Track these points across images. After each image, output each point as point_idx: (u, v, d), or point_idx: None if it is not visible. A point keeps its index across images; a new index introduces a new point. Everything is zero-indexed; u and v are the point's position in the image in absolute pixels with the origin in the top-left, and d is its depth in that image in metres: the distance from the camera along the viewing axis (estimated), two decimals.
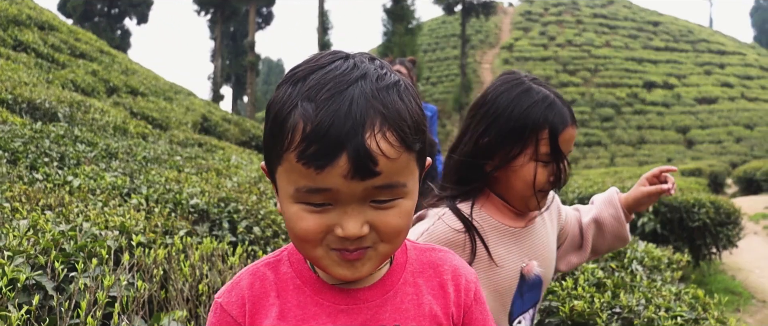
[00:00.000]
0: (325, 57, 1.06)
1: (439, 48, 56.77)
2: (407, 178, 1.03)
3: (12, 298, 1.77)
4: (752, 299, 7.22)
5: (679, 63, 51.33)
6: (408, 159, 1.01)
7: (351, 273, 1.06)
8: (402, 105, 1.02)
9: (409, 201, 1.05)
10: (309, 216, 1.02)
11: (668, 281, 3.02)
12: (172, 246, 2.58)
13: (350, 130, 0.95)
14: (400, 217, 1.04)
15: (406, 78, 1.07)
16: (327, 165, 0.96)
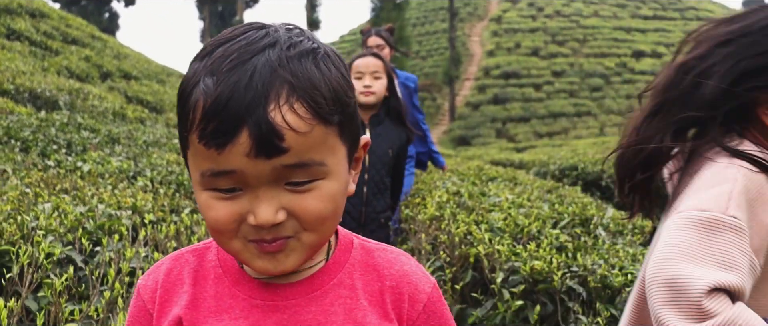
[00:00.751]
0: (239, 28, 0.95)
1: (427, 21, 56.80)
2: (325, 156, 0.92)
3: (50, 269, 2.07)
4: None
5: (667, 31, 51.52)
6: (324, 133, 0.90)
7: (273, 267, 0.95)
8: (316, 72, 0.91)
9: (333, 182, 0.94)
10: (219, 204, 0.92)
11: (628, 244, 3.34)
12: (180, 223, 2.88)
13: (251, 103, 0.86)
14: (321, 201, 0.93)
15: (330, 48, 0.97)
16: (227, 143, 0.86)
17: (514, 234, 2.86)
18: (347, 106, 0.95)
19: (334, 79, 0.93)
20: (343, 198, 0.98)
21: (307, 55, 0.92)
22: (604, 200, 6.86)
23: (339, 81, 0.94)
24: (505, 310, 2.34)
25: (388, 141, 3.77)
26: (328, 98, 0.90)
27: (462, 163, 7.23)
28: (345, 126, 0.95)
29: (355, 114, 0.99)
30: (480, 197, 3.73)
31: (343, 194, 0.98)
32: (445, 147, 32.39)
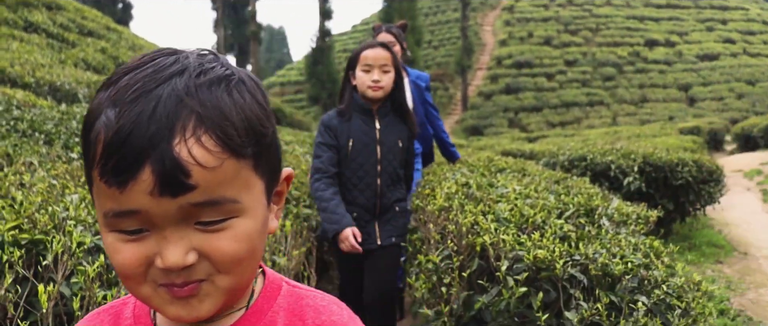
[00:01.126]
0: (149, 55, 0.89)
1: (439, 11, 56.80)
2: (238, 192, 0.86)
3: (82, 257, 2.21)
4: (734, 251, 7.67)
5: (680, 20, 51.36)
6: (236, 167, 0.84)
7: (187, 313, 0.88)
8: (227, 101, 0.84)
9: (249, 220, 0.88)
10: (124, 247, 0.85)
11: (631, 234, 3.45)
12: None
13: (154, 136, 0.79)
14: (235, 241, 0.86)
15: (246, 74, 0.92)
16: (129, 180, 0.80)
17: (519, 224, 2.98)
18: (263, 137, 0.89)
19: (247, 107, 0.87)
20: (261, 237, 0.92)
21: (218, 82, 0.86)
22: (611, 191, 6.97)
23: (253, 109, 0.88)
24: (510, 297, 2.47)
25: (397, 131, 3.84)
26: (241, 129, 0.85)
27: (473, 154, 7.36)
28: (261, 158, 0.89)
29: (272, 144, 0.93)
30: (488, 188, 3.85)
31: (260, 232, 0.91)
32: (457, 137, 32.49)
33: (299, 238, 3.33)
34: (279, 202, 0.99)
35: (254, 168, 0.88)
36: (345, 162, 3.75)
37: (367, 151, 3.76)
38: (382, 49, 3.79)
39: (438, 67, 46.78)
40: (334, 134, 3.75)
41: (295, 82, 51.68)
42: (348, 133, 3.75)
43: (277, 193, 0.97)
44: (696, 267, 6.73)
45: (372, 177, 3.76)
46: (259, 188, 0.90)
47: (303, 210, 4.14)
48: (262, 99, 0.92)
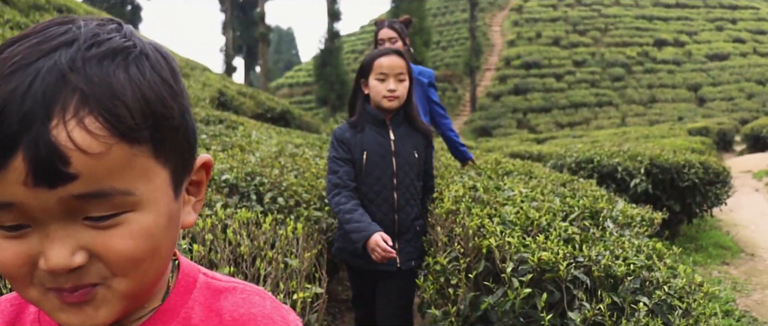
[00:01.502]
0: (42, 24, 0.77)
1: (448, 12, 56.89)
2: (133, 182, 0.74)
3: None
4: (741, 252, 7.72)
5: (690, 19, 51.31)
6: (129, 154, 0.72)
7: (80, 321, 0.77)
8: (121, 77, 0.72)
9: (148, 215, 0.77)
10: (4, 245, 0.74)
11: (634, 236, 3.52)
12: (214, 216, 3.10)
13: (27, 116, 0.68)
14: (131, 239, 0.75)
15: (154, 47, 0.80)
16: (0, 169, 0.69)
17: (524, 226, 3.05)
18: (166, 119, 0.76)
19: (147, 85, 0.74)
20: (166, 232, 0.80)
21: (113, 55, 0.74)
22: (618, 192, 7.03)
23: (154, 87, 0.75)
24: (515, 297, 2.54)
25: (412, 142, 3.65)
26: (135, 109, 0.72)
27: (481, 156, 7.42)
28: (163, 144, 0.77)
29: (181, 128, 0.80)
30: (495, 191, 3.92)
31: (166, 228, 0.80)
32: (466, 138, 32.54)
33: (310, 241, 3.41)
34: (198, 193, 0.89)
35: (154, 156, 0.76)
36: (360, 176, 3.55)
37: (383, 164, 3.55)
38: (397, 56, 3.60)
39: (446, 67, 46.85)
40: (347, 147, 3.55)
41: (303, 84, 51.84)
42: (361, 146, 3.54)
43: (193, 183, 0.88)
44: (702, 269, 6.78)
45: (389, 191, 3.56)
46: (161, 178, 0.78)
47: (313, 212, 4.22)
48: (170, 75, 0.79)
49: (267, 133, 8.89)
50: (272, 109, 16.89)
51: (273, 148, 6.42)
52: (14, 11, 13.23)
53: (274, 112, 16.78)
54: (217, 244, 2.85)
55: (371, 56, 3.64)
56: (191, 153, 0.84)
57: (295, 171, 5.02)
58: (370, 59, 3.61)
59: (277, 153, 6.05)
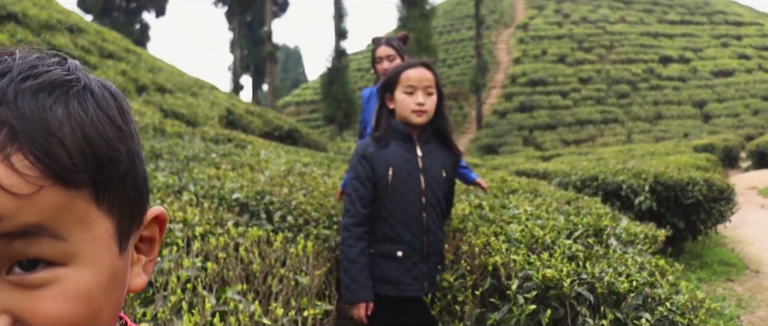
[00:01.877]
0: None
1: (454, 30, 57.12)
2: (68, 229, 0.64)
3: None
4: (746, 269, 7.75)
5: (695, 36, 51.43)
6: (65, 198, 0.63)
7: None
8: (59, 113, 0.64)
9: (85, 272, 0.66)
10: None
11: (638, 253, 3.59)
12: (227, 235, 3.18)
13: None
14: (64, 301, 0.64)
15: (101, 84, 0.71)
16: None
17: (529, 244, 3.13)
18: (111, 162, 0.67)
19: (89, 123, 0.65)
20: (107, 295, 0.68)
21: (50, 88, 0.65)
22: (623, 210, 7.09)
23: (99, 127, 0.66)
24: (520, 314, 2.61)
25: (440, 159, 3.43)
26: (73, 149, 0.63)
27: (487, 174, 7.50)
28: (107, 190, 0.67)
29: (129, 174, 0.70)
30: (500, 209, 4.00)
31: (106, 289, 0.68)
32: (472, 155, 32.58)
33: (320, 258, 3.48)
34: (150, 252, 0.78)
35: (96, 202, 0.66)
36: (385, 193, 3.30)
37: (410, 181, 3.31)
38: (426, 68, 3.36)
39: (453, 85, 46.97)
40: (370, 164, 3.31)
41: (310, 102, 52.01)
42: (387, 161, 3.30)
43: (144, 240, 0.77)
44: (707, 285, 6.83)
45: (417, 211, 3.31)
46: (103, 228, 0.68)
47: (322, 231, 4.29)
48: (118, 115, 0.70)
49: (275, 152, 8.98)
50: (280, 128, 17.01)
51: (282, 167, 6.50)
52: (26, 31, 13.40)
53: (281, 131, 16.90)
54: (229, 262, 2.93)
55: (398, 68, 3.42)
56: (141, 203, 0.73)
57: (304, 190, 5.09)
58: (397, 72, 3.39)
59: (286, 172, 6.14)
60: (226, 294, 2.59)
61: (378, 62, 4.69)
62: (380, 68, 4.65)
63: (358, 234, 3.25)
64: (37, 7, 15.43)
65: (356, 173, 3.35)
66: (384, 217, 3.30)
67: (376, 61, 4.72)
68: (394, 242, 3.28)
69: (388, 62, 4.60)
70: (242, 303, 2.45)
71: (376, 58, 4.71)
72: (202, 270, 2.71)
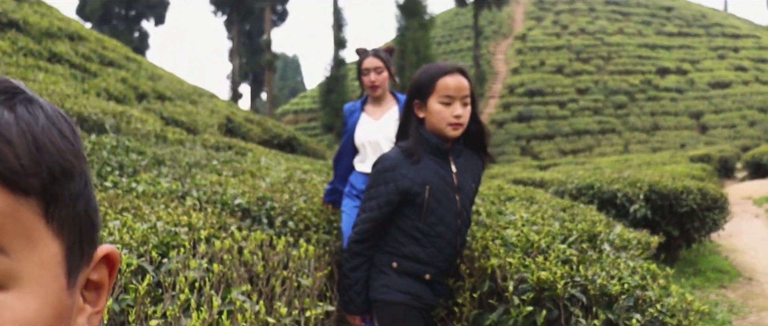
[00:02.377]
0: None
1: (452, 40, 57.29)
2: (11, 241, 0.56)
3: (129, 277, 2.47)
4: (739, 276, 7.86)
5: (692, 48, 51.61)
6: (12, 204, 0.55)
7: None
8: (6, 115, 0.57)
9: (29, 301, 0.57)
10: None
11: (630, 258, 3.69)
12: (231, 238, 3.27)
13: None
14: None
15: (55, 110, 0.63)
16: None
17: (525, 248, 3.22)
18: (64, 173, 0.60)
19: (40, 129, 0.59)
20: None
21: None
22: (618, 218, 7.19)
23: (51, 135, 0.60)
24: (517, 315, 2.71)
25: (471, 172, 3.15)
26: (21, 149, 0.57)
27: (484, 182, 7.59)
28: (58, 203, 0.60)
29: (82, 195, 0.63)
30: (497, 216, 4.10)
31: (53, 317, 0.58)
32: None
33: (322, 261, 3.57)
34: (97, 301, 0.67)
35: (45, 216, 0.58)
36: (419, 214, 2.97)
37: (447, 201, 3.00)
38: (462, 75, 3.03)
39: None
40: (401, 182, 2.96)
41: (308, 110, 52.09)
42: (422, 178, 2.95)
43: (92, 285, 0.66)
44: (700, 292, 6.93)
45: (452, 233, 3.03)
46: (52, 251, 0.59)
47: (322, 236, 4.38)
48: (70, 134, 0.63)
49: (275, 159, 9.07)
50: (279, 136, 17.13)
51: (282, 174, 6.59)
52: (27, 38, 13.51)
53: (280, 139, 17.01)
54: (233, 264, 3.02)
55: (432, 74, 3.02)
56: (93, 233, 0.65)
57: (305, 196, 5.18)
58: (432, 78, 3.00)
59: (287, 178, 6.22)
60: (231, 295, 2.68)
61: (364, 74, 4.52)
62: (367, 80, 4.50)
63: (357, 251, 3.04)
64: (38, 15, 15.54)
65: (380, 192, 2.97)
66: (415, 237, 2.99)
67: (362, 73, 4.55)
68: (424, 264, 3.01)
69: (376, 74, 4.47)
70: (247, 303, 2.55)
71: (363, 70, 4.53)
72: (208, 271, 2.80)
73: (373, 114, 4.57)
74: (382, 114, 4.54)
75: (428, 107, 2.99)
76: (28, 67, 11.18)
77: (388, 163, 3.00)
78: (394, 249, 3.03)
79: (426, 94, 3.00)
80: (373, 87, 4.48)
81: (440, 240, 3.01)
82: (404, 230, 3.01)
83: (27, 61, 11.65)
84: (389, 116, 4.48)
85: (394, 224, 3.03)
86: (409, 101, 3.08)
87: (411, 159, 2.97)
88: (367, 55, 4.55)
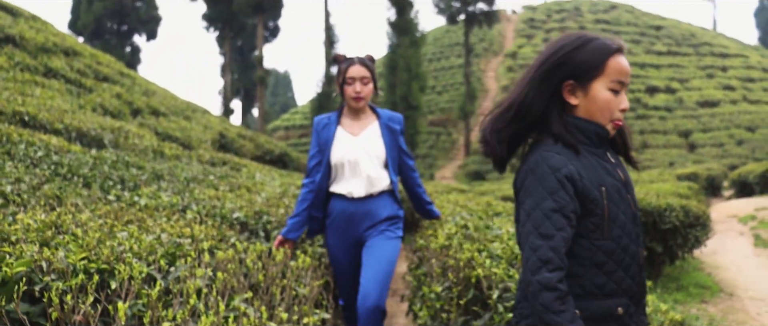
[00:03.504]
0: None
1: (443, 57, 57.64)
2: None
3: (141, 283, 2.65)
4: (721, 292, 8.06)
5: (681, 67, 52.05)
6: None
7: None
8: None
9: None
10: None
11: None
12: (233, 249, 3.46)
13: None
14: None
15: None
16: None
17: (509, 260, 3.42)
18: None
19: None
20: None
21: None
22: None
23: None
24: (500, 321, 2.90)
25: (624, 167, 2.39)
26: None
27: (473, 199, 7.79)
28: None
29: None
30: (485, 230, 4.29)
31: None
32: (459, 181, 32.89)
33: (318, 271, 3.76)
34: None
35: None
36: (601, 226, 2.16)
37: (623, 204, 2.23)
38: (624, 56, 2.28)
39: (441, 112, 47.40)
40: (577, 187, 2.14)
41: (300, 126, 52.27)
42: (597, 179, 2.19)
43: None
44: (682, 306, 7.12)
45: (636, 244, 2.26)
46: None
47: (317, 249, 4.56)
48: None
49: (270, 175, 9.26)
50: (271, 152, 17.32)
51: (277, 189, 6.78)
52: (24, 53, 13.66)
53: (272, 154, 17.20)
54: (236, 273, 3.21)
55: (603, 50, 2.21)
56: None
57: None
58: (601, 54, 2.22)
59: (281, 193, 6.41)
60: (234, 301, 2.87)
61: (349, 83, 4.11)
62: (351, 90, 4.10)
63: (564, 294, 2.04)
64: (33, 31, 15.69)
65: (564, 199, 2.10)
66: (599, 262, 2.16)
67: (346, 82, 4.12)
68: (613, 295, 2.18)
69: (362, 84, 4.11)
70: (249, 309, 2.73)
71: (347, 79, 4.12)
72: (213, 279, 2.99)
73: (350, 128, 4.18)
74: (362, 129, 4.18)
75: (591, 92, 2.22)
76: (25, 82, 11.34)
77: (554, 159, 2.15)
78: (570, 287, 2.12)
79: (590, 75, 2.22)
80: (358, 98, 4.11)
81: (626, 255, 2.20)
82: (583, 255, 2.16)
83: (24, 76, 11.80)
84: (370, 132, 4.16)
85: None
86: (549, 80, 2.23)
87: (573, 154, 2.20)
88: (352, 62, 4.14)
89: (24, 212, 3.69)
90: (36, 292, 2.43)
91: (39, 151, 5.94)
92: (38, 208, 3.84)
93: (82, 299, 2.39)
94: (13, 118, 7.46)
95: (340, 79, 4.16)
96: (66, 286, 2.41)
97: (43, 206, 4.03)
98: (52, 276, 2.49)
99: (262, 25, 48.37)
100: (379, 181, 4.07)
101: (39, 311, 2.39)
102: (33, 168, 5.31)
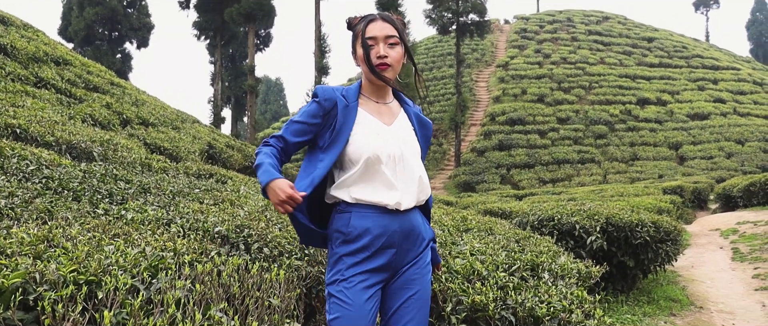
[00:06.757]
0: None
1: (435, 67, 57.95)
2: None
3: (125, 294, 2.91)
4: (691, 305, 8.34)
5: (672, 79, 52.48)
6: None
7: None
8: None
9: None
10: None
11: (566, 286, 4.15)
12: (211, 262, 3.71)
13: None
14: None
15: None
16: None
17: (467, 275, 3.68)
18: None
19: None
20: None
21: None
22: (576, 249, 7.66)
23: None
24: None
25: None
26: None
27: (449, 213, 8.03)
28: None
29: None
30: (451, 246, 4.55)
31: None
32: (450, 192, 33.20)
33: (292, 284, 4.00)
34: None
35: None
36: None
37: None
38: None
39: (432, 122, 47.63)
40: None
41: None
42: None
43: None
44: (650, 319, 7.38)
45: None
46: None
47: (294, 261, 4.80)
48: None
49: (254, 188, 9.49)
50: None
51: (260, 203, 7.02)
52: (15, 63, 13.87)
53: None
54: (213, 285, 3.46)
55: None
56: None
57: (280, 224, 5.59)
58: None
59: (264, 207, 6.65)
60: (210, 311, 3.12)
61: (371, 45, 2.92)
62: (374, 53, 2.91)
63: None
64: (25, 40, 15.92)
65: None
66: None
67: (367, 45, 2.92)
68: None
69: (388, 47, 2.93)
70: (224, 318, 2.98)
71: (368, 40, 2.93)
72: (191, 291, 3.24)
73: (378, 115, 3.01)
74: (392, 117, 3.06)
75: None
76: (16, 92, 11.56)
77: None
78: None
79: None
80: (382, 65, 2.92)
81: None
82: None
83: (15, 86, 12.01)
84: (402, 122, 3.09)
85: None
86: None
87: None
88: (372, 18, 2.96)
89: (18, 226, 3.95)
90: (30, 301, 2.70)
91: (30, 164, 6.18)
92: (31, 222, 4.10)
93: (72, 308, 2.66)
94: (6, 131, 7.70)
95: (360, 42, 2.95)
96: (57, 296, 2.68)
97: (36, 220, 4.28)
98: (44, 287, 2.75)
99: (253, 34, 48.61)
100: (427, 187, 3.00)
101: (32, 318, 2.65)
102: (25, 182, 5.55)
